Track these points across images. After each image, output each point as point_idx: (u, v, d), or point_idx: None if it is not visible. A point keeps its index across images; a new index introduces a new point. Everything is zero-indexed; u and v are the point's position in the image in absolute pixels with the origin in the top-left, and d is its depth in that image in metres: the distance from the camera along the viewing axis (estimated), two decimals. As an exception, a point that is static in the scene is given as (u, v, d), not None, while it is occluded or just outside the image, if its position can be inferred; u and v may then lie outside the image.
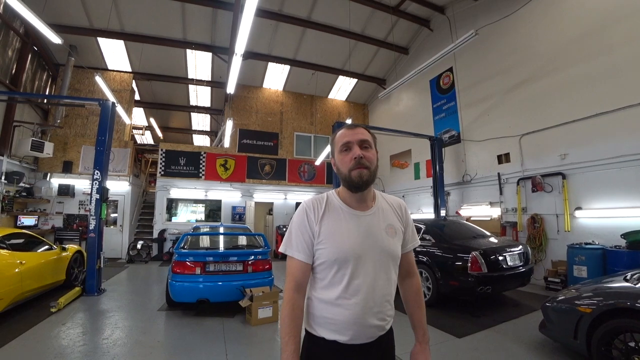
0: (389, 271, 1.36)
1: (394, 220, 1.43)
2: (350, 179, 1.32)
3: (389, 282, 1.36)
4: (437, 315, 5.29)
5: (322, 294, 1.34)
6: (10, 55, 9.41)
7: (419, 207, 11.58)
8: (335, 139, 1.42)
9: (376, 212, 1.40)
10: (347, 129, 1.39)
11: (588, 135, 6.71)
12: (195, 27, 10.80)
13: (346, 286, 1.29)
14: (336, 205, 1.39)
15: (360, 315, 1.27)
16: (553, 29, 7.51)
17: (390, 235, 1.38)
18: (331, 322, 1.30)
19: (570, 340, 3.44)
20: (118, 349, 3.98)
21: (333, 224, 1.34)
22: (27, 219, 9.88)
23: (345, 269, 1.29)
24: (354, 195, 1.38)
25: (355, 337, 1.29)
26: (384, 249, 1.34)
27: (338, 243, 1.30)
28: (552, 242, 7.25)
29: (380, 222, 1.38)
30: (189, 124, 19.30)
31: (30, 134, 9.82)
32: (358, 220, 1.36)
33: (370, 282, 1.30)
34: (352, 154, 1.32)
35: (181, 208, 12.67)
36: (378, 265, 1.32)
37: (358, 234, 1.33)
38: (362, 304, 1.28)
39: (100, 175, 6.74)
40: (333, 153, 1.43)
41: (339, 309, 1.29)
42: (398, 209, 1.49)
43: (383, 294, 1.33)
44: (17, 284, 4.93)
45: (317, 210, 1.37)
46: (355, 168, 1.31)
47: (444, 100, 10.73)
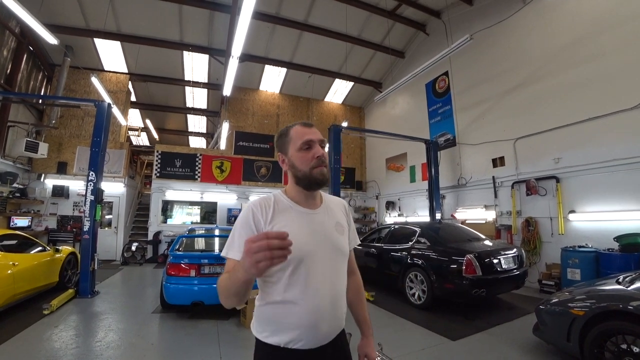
0: (342, 268, 1.40)
1: (341, 219, 1.46)
2: (312, 177, 1.31)
3: (343, 279, 1.39)
4: (431, 318, 5.31)
5: (277, 297, 1.26)
6: (6, 55, 9.34)
7: (415, 210, 11.62)
8: (291, 135, 1.39)
9: (325, 210, 1.41)
10: (305, 127, 1.39)
11: (581, 140, 6.78)
12: (192, 29, 10.80)
13: (304, 286, 1.25)
14: (286, 205, 1.36)
15: (319, 312, 1.25)
16: (546, 34, 7.60)
17: (340, 232, 1.40)
18: (285, 328, 1.25)
19: (564, 342, 3.46)
20: (111, 351, 3.95)
21: (285, 223, 1.29)
22: (20, 220, 9.78)
23: (301, 269, 1.26)
24: (304, 194, 1.37)
25: (314, 337, 1.25)
26: (336, 246, 1.36)
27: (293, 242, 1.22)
28: (546, 245, 7.30)
29: (330, 220, 1.40)
30: (185, 126, 19.23)
31: (25, 135, 9.73)
32: (309, 218, 1.35)
33: (327, 279, 1.30)
34: (315, 152, 1.33)
35: (176, 210, 12.61)
36: (332, 263, 1.33)
37: (311, 232, 1.32)
38: (320, 301, 1.25)
39: (95, 176, 6.70)
40: (286, 149, 1.39)
41: (296, 312, 1.24)
42: (342, 207, 1.53)
43: (339, 291, 1.35)
44: (10, 286, 4.88)
45: (266, 211, 1.31)
46: (317, 166, 1.31)
47: (440, 104, 10.80)
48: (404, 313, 5.58)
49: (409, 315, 5.44)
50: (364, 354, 1.53)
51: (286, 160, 1.40)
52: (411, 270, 6.14)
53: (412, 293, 6.08)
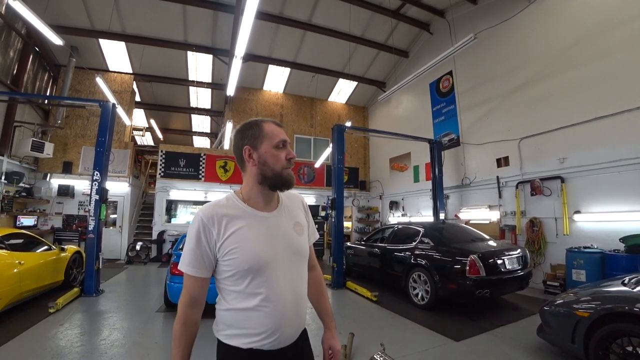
0: (302, 269, 1.38)
1: (300, 217, 1.44)
2: (281, 177, 1.30)
3: (304, 280, 1.38)
4: (435, 318, 5.30)
5: (238, 304, 1.23)
6: (12, 56, 9.44)
7: (418, 210, 11.60)
8: (265, 131, 1.32)
9: (282, 212, 1.38)
10: (278, 127, 1.36)
11: (587, 139, 6.72)
12: (196, 29, 10.84)
13: (265, 294, 1.22)
14: (240, 210, 1.29)
15: (282, 318, 1.23)
16: (552, 33, 7.55)
17: (299, 233, 1.38)
18: (247, 333, 1.22)
19: (568, 344, 3.43)
20: (116, 350, 3.98)
21: (240, 231, 1.24)
22: (26, 219, 9.88)
23: (261, 276, 1.22)
24: (264, 195, 1.33)
25: (277, 341, 1.23)
26: (295, 249, 1.34)
27: (249, 250, 1.22)
28: (551, 245, 7.25)
29: (287, 222, 1.36)
30: (189, 126, 19.32)
31: (31, 135, 9.84)
32: (266, 222, 1.30)
33: (288, 284, 1.27)
34: (288, 153, 1.32)
35: (180, 209, 12.66)
36: (293, 266, 1.32)
37: (269, 237, 1.28)
38: (282, 306, 1.24)
39: (99, 176, 6.74)
40: (257, 144, 1.30)
41: (259, 315, 1.21)
42: (300, 204, 1.50)
43: (300, 293, 1.34)
44: (16, 284, 4.94)
45: (219, 219, 1.24)
46: (287, 167, 1.31)
47: (444, 104, 10.76)
48: (407, 313, 5.56)
49: (412, 316, 5.43)
50: (328, 346, 1.50)
51: (255, 156, 1.30)
52: (414, 271, 6.12)
53: (415, 293, 6.06)
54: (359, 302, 6.44)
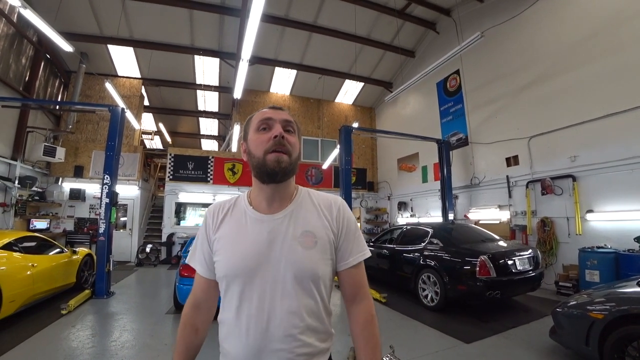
0: (301, 295, 1.03)
1: (316, 226, 1.10)
2: (264, 164, 1.04)
3: (300, 310, 1.02)
4: (444, 320, 5.24)
5: (221, 315, 1.11)
6: (24, 63, 9.66)
7: (427, 210, 11.50)
8: (250, 120, 1.15)
9: (289, 216, 1.10)
10: (270, 109, 1.14)
11: (599, 137, 6.59)
12: (202, 33, 10.94)
13: (236, 310, 1.04)
14: (241, 208, 1.15)
15: (255, 349, 0.99)
16: (561, 29, 7.43)
17: (307, 246, 1.06)
18: (226, 351, 1.07)
19: (582, 347, 3.36)
20: (126, 351, 4.01)
21: (230, 231, 1.11)
22: (39, 223, 10.07)
23: (235, 288, 1.05)
24: (263, 192, 1.11)
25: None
26: (291, 264, 1.03)
27: (229, 255, 1.07)
28: (563, 245, 7.12)
29: (291, 228, 1.08)
30: (197, 129, 19.49)
31: (43, 140, 10.04)
32: (260, 225, 1.08)
33: (266, 307, 1.01)
34: (273, 132, 1.06)
35: (189, 212, 12.77)
36: (282, 287, 1.02)
37: (255, 243, 1.06)
38: (254, 335, 1.00)
39: (110, 179, 6.83)
40: (246, 136, 1.15)
41: (231, 335, 1.04)
42: (327, 210, 1.14)
43: (288, 325, 1.00)
44: (29, 286, 5.02)
45: (218, 215, 1.16)
46: (272, 150, 1.04)
47: (451, 103, 10.67)
48: (417, 315, 5.52)
49: (421, 317, 5.38)
50: None
51: (245, 148, 1.14)
52: (424, 272, 6.07)
53: (424, 295, 6.01)
54: (368, 303, 6.39)
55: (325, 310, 1.09)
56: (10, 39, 8.92)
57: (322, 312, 1.08)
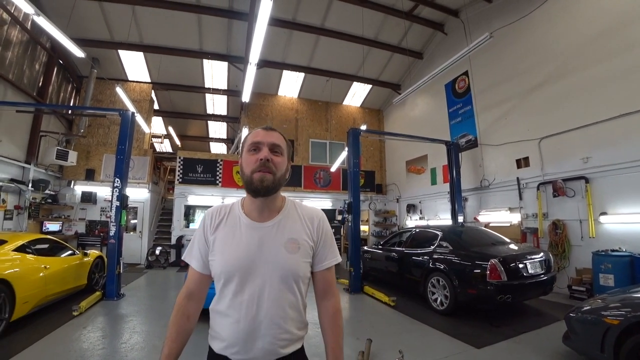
0: (284, 291, 1.24)
1: (299, 235, 1.30)
2: (251, 182, 1.24)
3: (284, 303, 1.23)
4: (454, 324, 5.17)
5: (214, 305, 1.29)
6: (38, 69, 9.86)
7: (436, 213, 11.41)
8: (246, 138, 1.33)
9: (277, 224, 1.29)
10: (262, 130, 1.31)
11: (612, 137, 6.46)
12: (211, 37, 11.06)
13: (230, 302, 1.22)
14: (235, 215, 1.33)
15: (245, 334, 1.19)
16: (571, 28, 7.33)
17: (291, 250, 1.26)
18: (219, 335, 1.25)
19: (597, 353, 3.28)
20: (136, 353, 4.04)
21: (226, 235, 1.29)
22: (52, 225, 10.26)
23: (230, 284, 1.23)
24: (254, 203, 1.30)
25: (241, 355, 1.20)
26: (278, 265, 1.23)
27: (226, 256, 1.25)
28: (576, 248, 6.99)
29: (279, 235, 1.27)
30: (206, 132, 19.66)
31: (56, 144, 10.22)
32: (252, 231, 1.27)
33: (256, 301, 1.20)
34: (260, 155, 1.24)
35: (198, 214, 12.87)
36: (269, 283, 1.22)
37: (248, 247, 1.24)
38: (245, 322, 1.19)
39: (120, 182, 6.92)
40: (241, 153, 1.34)
41: (226, 323, 1.23)
42: (309, 221, 1.35)
43: (273, 315, 1.20)
44: (42, 288, 5.10)
45: (215, 218, 1.33)
46: (258, 170, 1.23)
47: (460, 105, 10.59)
48: (426, 319, 5.46)
49: (431, 321, 5.32)
50: None
51: (240, 164, 1.33)
52: (433, 275, 6.01)
53: (434, 298, 5.94)
54: (377, 307, 6.36)
55: (302, 304, 1.30)
56: (24, 46, 9.13)
57: (300, 306, 1.29)
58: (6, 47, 8.41)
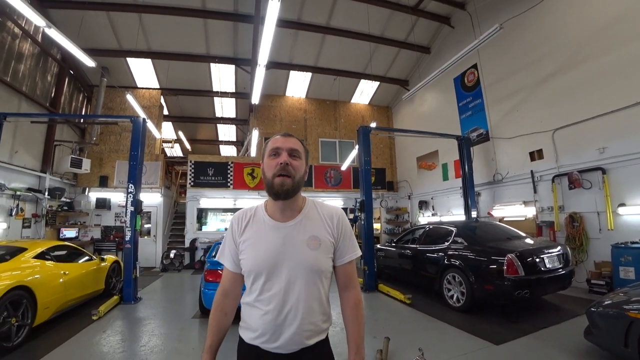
0: (310, 285, 1.33)
1: (320, 232, 1.39)
2: (272, 185, 1.33)
3: (308, 296, 1.32)
4: (472, 321, 5.11)
5: (245, 298, 1.41)
6: (50, 80, 10.08)
7: (449, 209, 11.28)
8: (266, 145, 1.43)
9: (299, 223, 1.39)
10: (281, 136, 1.41)
11: (629, 126, 6.27)
12: (217, 41, 11.14)
13: (259, 295, 1.33)
14: (260, 217, 1.43)
15: (273, 326, 1.29)
16: (583, 15, 7.15)
17: (313, 247, 1.35)
18: (249, 326, 1.36)
19: (621, 348, 3.21)
20: (155, 356, 4.10)
21: (253, 235, 1.40)
22: (68, 232, 10.47)
23: (259, 280, 1.34)
24: (276, 204, 1.40)
25: (269, 345, 1.31)
26: (302, 262, 1.33)
27: (254, 255, 1.35)
28: (594, 241, 6.83)
29: (301, 234, 1.37)
30: (216, 135, 19.82)
31: (70, 152, 10.45)
32: (277, 231, 1.37)
33: (283, 294, 1.30)
34: (279, 159, 1.34)
35: (211, 217, 12.99)
36: (294, 278, 1.31)
37: (274, 245, 1.34)
38: (273, 314, 1.29)
39: (134, 188, 7.01)
40: (262, 158, 1.44)
41: (255, 315, 1.33)
42: (329, 219, 1.44)
43: (299, 308, 1.30)
44: (62, 293, 5.21)
45: (242, 222, 1.44)
46: (278, 174, 1.32)
47: (470, 98, 10.45)
48: (443, 316, 5.41)
49: (448, 318, 5.27)
50: None
51: (262, 169, 1.43)
52: (448, 272, 5.94)
53: (450, 295, 5.88)
54: (392, 305, 6.33)
55: (325, 297, 1.40)
56: (36, 58, 9.33)
57: (323, 299, 1.39)
58: (19, 60, 8.62)
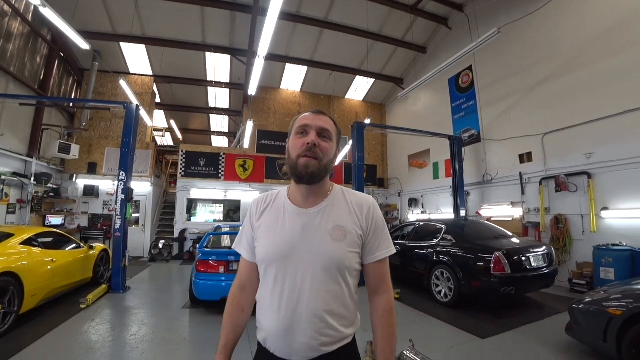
0: (328, 282, 1.15)
1: (346, 222, 1.20)
2: (295, 167, 1.17)
3: (327, 295, 1.14)
4: (459, 315, 5.25)
5: (259, 292, 1.25)
6: (39, 62, 9.79)
7: (438, 207, 11.46)
8: (295, 121, 1.28)
9: (323, 211, 1.21)
10: (312, 113, 1.25)
11: (616, 134, 6.49)
12: (214, 30, 11.00)
13: (272, 290, 1.17)
14: (280, 202, 1.28)
15: (284, 327, 1.12)
16: (578, 24, 7.31)
17: (337, 238, 1.17)
18: (261, 325, 1.20)
19: (600, 343, 3.36)
20: (146, 345, 4.10)
21: (270, 221, 1.25)
22: (54, 219, 10.27)
23: (271, 271, 1.18)
24: (299, 189, 1.24)
25: (281, 350, 1.14)
26: (321, 254, 1.15)
27: (268, 241, 1.21)
28: (577, 243, 7.06)
29: (324, 222, 1.19)
30: (208, 126, 19.61)
31: (58, 137, 10.19)
32: (296, 218, 1.21)
33: (297, 290, 1.13)
34: (307, 138, 1.17)
35: (200, 208, 12.90)
36: (311, 273, 1.14)
37: (291, 233, 1.18)
38: (284, 314, 1.12)
39: (125, 176, 6.92)
40: (289, 136, 1.28)
41: (267, 312, 1.18)
42: (358, 209, 1.25)
43: (315, 308, 1.11)
44: (49, 281, 5.13)
45: (261, 205, 1.31)
46: (304, 155, 1.16)
47: (464, 99, 10.59)
48: (431, 311, 5.53)
49: (435, 313, 5.40)
50: None
51: (287, 149, 1.27)
52: (437, 268, 6.07)
53: (438, 291, 6.01)
54: (380, 299, 6.41)
55: (350, 298, 1.20)
56: (25, 38, 9.04)
57: (347, 299, 1.18)
58: (7, 39, 8.32)
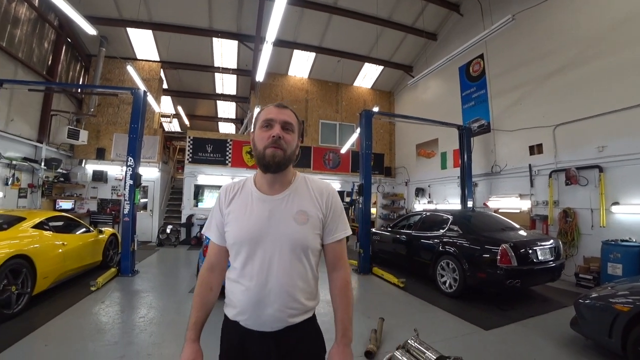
0: (294, 261, 1.29)
1: (308, 207, 1.34)
2: (262, 157, 1.29)
3: (293, 273, 1.28)
4: (463, 306, 5.26)
5: (229, 274, 1.37)
6: (46, 47, 9.80)
7: (445, 197, 11.41)
8: (259, 115, 1.38)
9: (287, 197, 1.34)
10: (275, 107, 1.35)
11: (630, 127, 6.31)
12: (221, 15, 10.85)
13: (241, 270, 1.30)
14: (248, 189, 1.39)
15: (254, 301, 1.25)
16: (596, 12, 7.05)
17: (300, 222, 1.30)
18: (231, 302, 1.33)
19: (605, 338, 3.35)
20: (154, 327, 4.19)
21: (238, 207, 1.36)
22: (64, 203, 10.46)
23: (242, 253, 1.30)
24: (265, 177, 1.35)
25: (251, 322, 1.27)
26: (287, 236, 1.28)
27: (237, 227, 1.32)
28: (585, 237, 6.98)
29: (288, 208, 1.32)
30: (215, 112, 19.59)
31: (67, 123, 10.28)
32: (263, 204, 1.33)
33: (266, 269, 1.26)
34: (272, 132, 1.29)
35: (207, 194, 13.00)
36: (278, 253, 1.27)
37: (258, 218, 1.30)
38: (255, 290, 1.25)
39: (133, 161, 6.97)
40: (254, 129, 1.40)
41: (237, 290, 1.30)
42: (318, 194, 1.38)
43: (282, 284, 1.26)
44: (60, 264, 5.27)
45: (229, 193, 1.41)
46: (270, 146, 1.28)
47: (474, 88, 10.39)
48: (435, 301, 5.56)
49: (439, 303, 5.42)
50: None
51: (252, 140, 1.39)
52: (443, 258, 6.07)
53: (443, 281, 6.03)
54: (386, 288, 6.47)
55: (312, 275, 1.35)
56: (32, 24, 9.03)
57: (309, 276, 1.34)
58: (15, 24, 8.33)
